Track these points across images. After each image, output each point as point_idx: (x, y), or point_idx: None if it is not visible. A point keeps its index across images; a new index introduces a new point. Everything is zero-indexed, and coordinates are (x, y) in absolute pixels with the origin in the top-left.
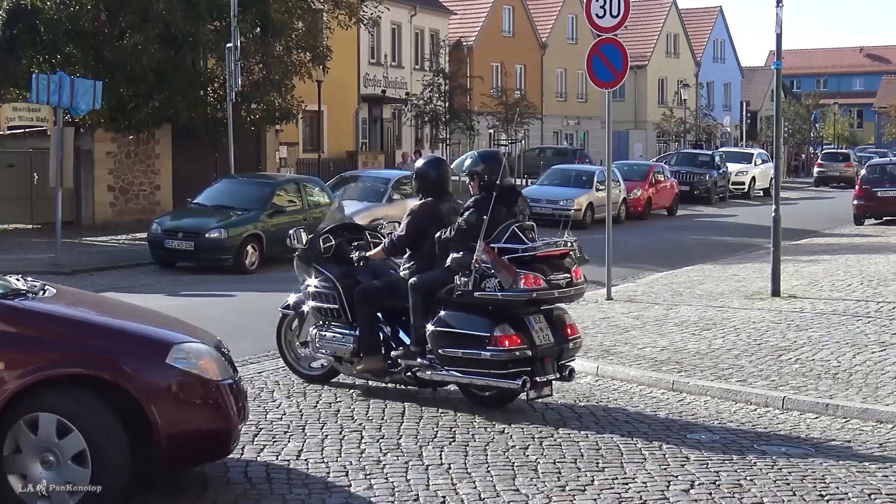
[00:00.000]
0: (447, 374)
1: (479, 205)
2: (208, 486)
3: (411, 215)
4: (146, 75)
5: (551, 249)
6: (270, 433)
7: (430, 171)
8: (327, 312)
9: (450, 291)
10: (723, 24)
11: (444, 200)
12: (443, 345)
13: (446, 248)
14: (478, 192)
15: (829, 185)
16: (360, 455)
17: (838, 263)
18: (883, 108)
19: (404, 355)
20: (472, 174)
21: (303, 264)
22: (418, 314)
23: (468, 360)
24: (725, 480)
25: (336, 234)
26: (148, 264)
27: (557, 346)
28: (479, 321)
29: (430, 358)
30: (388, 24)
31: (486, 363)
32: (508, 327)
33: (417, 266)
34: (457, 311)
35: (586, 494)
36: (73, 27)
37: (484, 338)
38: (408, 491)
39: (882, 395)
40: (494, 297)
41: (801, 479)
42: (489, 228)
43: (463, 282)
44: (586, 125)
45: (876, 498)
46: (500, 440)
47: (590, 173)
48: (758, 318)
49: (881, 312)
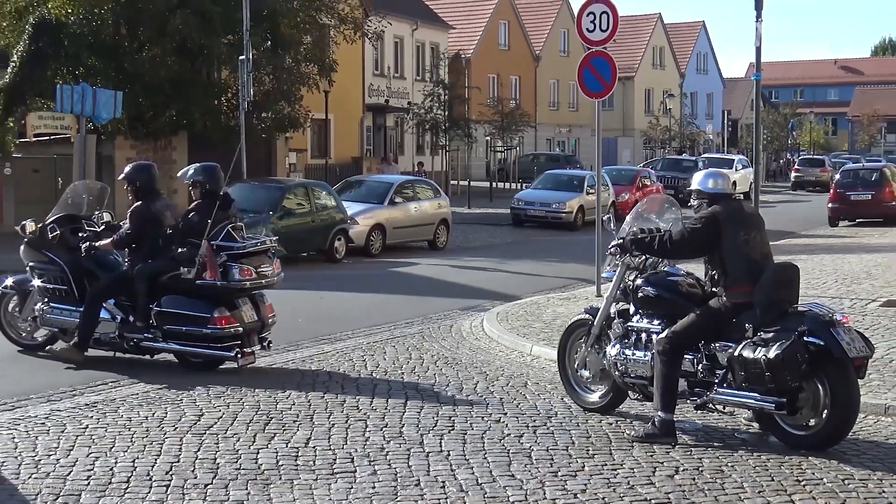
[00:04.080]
0: (167, 346)
1: (201, 209)
2: (218, 469)
3: (133, 215)
4: (164, 86)
5: (258, 247)
6: (280, 422)
7: (142, 176)
8: (54, 292)
9: (172, 278)
10: (706, 38)
11: (156, 200)
12: (168, 322)
13: (171, 241)
14: (199, 198)
15: (805, 189)
16: (365, 443)
17: (814, 263)
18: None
19: (131, 329)
20: (195, 183)
21: (31, 249)
22: (143, 297)
23: (191, 335)
24: (708, 466)
25: (61, 223)
26: None
27: (260, 322)
28: (200, 304)
29: (154, 332)
30: (391, 37)
31: (207, 338)
32: (224, 309)
33: (141, 257)
34: (180, 296)
35: (577, 479)
36: (96, 41)
37: (205, 318)
38: (409, 476)
39: None
40: (215, 285)
41: (780, 466)
42: (206, 228)
43: (186, 271)
44: (577, 133)
45: (849, 483)
46: (496, 429)
47: (581, 178)
48: None
49: (854, 309)
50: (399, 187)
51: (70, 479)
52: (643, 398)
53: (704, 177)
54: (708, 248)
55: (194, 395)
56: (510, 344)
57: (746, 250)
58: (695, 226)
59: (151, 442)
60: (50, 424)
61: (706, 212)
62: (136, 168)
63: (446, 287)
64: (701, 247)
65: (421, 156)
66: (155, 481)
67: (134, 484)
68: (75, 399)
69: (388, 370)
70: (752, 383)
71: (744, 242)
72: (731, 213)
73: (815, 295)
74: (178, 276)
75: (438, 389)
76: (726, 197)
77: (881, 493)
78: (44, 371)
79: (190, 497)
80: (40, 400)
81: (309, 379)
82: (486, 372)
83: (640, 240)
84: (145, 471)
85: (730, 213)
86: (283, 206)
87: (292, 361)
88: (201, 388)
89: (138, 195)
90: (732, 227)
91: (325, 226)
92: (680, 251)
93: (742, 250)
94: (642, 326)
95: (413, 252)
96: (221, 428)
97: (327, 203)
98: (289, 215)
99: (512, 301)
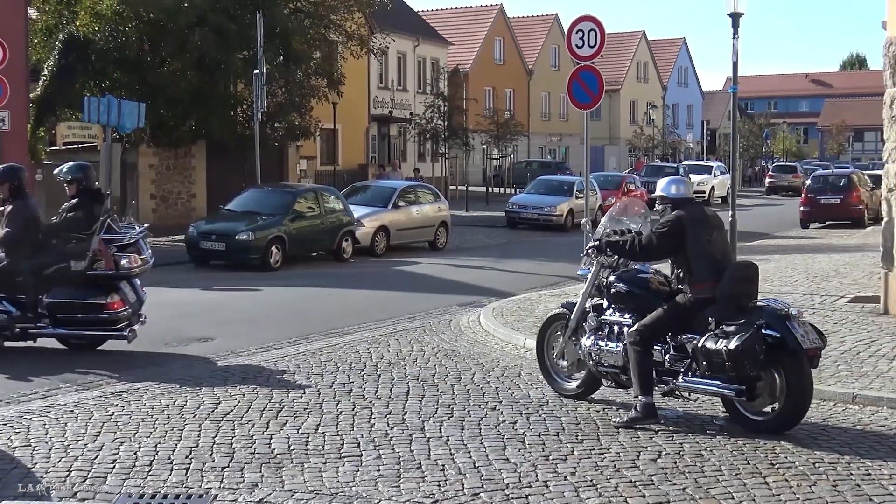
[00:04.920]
0: (54, 332)
1: (82, 205)
2: (235, 454)
3: (14, 214)
4: (183, 98)
5: (140, 237)
6: (292, 409)
7: (17, 176)
8: None
9: (57, 271)
10: (686, 54)
11: (29, 199)
12: (62, 311)
13: (55, 236)
14: (75, 195)
15: (779, 194)
16: (370, 429)
17: (787, 262)
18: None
19: (20, 321)
20: (71, 180)
21: None
22: (32, 290)
23: (87, 321)
24: (688, 451)
25: None
26: (185, 263)
27: (139, 303)
28: (93, 292)
29: (46, 321)
30: (394, 53)
31: (105, 321)
32: (115, 294)
33: (24, 253)
34: (68, 287)
35: (567, 463)
36: (121, 56)
37: (102, 304)
38: (412, 460)
39: (825, 376)
40: (107, 274)
41: (755, 450)
42: (90, 222)
43: (76, 264)
44: (567, 141)
45: (819, 466)
46: (492, 416)
47: (570, 183)
48: None
49: (824, 304)
50: (402, 192)
51: (97, 463)
52: (616, 385)
53: (668, 183)
54: (674, 249)
55: (212, 384)
56: (505, 337)
57: (709, 250)
58: (662, 229)
59: (172, 428)
60: (78, 412)
61: (671, 216)
62: (11, 169)
63: (446, 285)
64: (668, 249)
65: (422, 163)
66: (175, 464)
67: (156, 467)
68: (102, 388)
69: (391, 361)
70: (714, 372)
71: (706, 243)
72: (694, 217)
73: (788, 292)
74: (63, 269)
75: (438, 379)
76: (689, 201)
77: (849, 475)
78: (73, 362)
79: (208, 479)
80: (69, 389)
81: (318, 369)
82: (483, 363)
83: (614, 242)
84: (166, 455)
85: (693, 216)
86: (295, 209)
87: (303, 353)
88: (218, 378)
89: (14, 195)
90: (696, 229)
91: (333, 227)
92: (649, 254)
93: (705, 250)
94: (615, 320)
95: (415, 252)
96: (237, 415)
97: (335, 206)
98: (300, 218)
99: (506, 297)
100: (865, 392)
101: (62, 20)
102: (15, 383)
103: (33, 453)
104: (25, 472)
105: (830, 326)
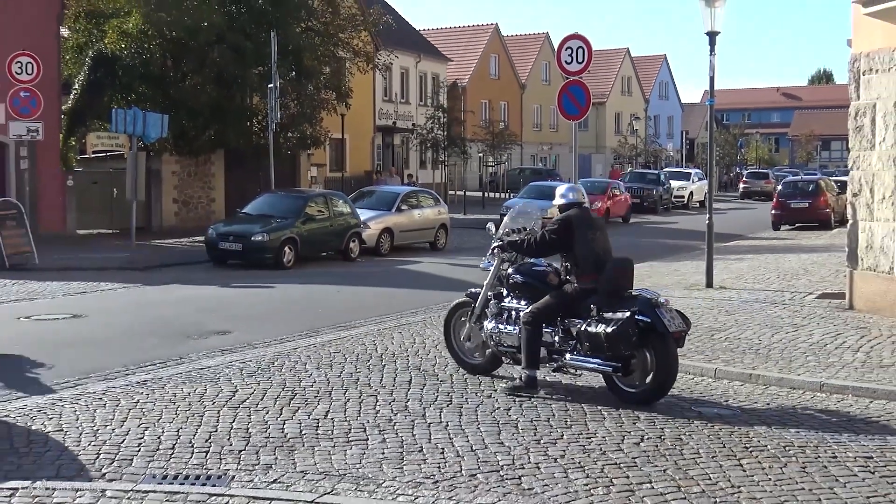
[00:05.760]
0: None
1: None
2: (250, 438)
3: None
4: (203, 110)
5: None
6: (303, 397)
7: None
8: None
9: None
10: (667, 69)
11: None
12: None
13: None
14: None
15: (752, 198)
16: (376, 415)
17: (759, 261)
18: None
19: None
20: None
21: None
22: None
23: None
24: (669, 435)
25: None
26: (204, 262)
27: None
28: None
29: None
30: (398, 68)
31: None
32: None
33: None
34: None
35: (557, 446)
36: (145, 71)
37: None
38: (414, 444)
39: (795, 366)
40: None
41: (730, 434)
42: None
43: None
44: (557, 150)
45: (789, 449)
46: (487, 403)
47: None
48: (695, 305)
49: (794, 300)
50: (405, 197)
51: (123, 446)
52: (514, 363)
53: (566, 190)
54: (564, 246)
55: (230, 374)
56: None
57: (593, 247)
58: (553, 228)
59: (193, 414)
60: (106, 399)
61: (561, 217)
62: None
63: (445, 282)
64: (558, 245)
65: (423, 169)
66: (196, 448)
67: (178, 450)
68: (128, 377)
69: (395, 353)
70: (595, 351)
71: (591, 240)
72: (581, 218)
73: (761, 288)
74: None
75: (438, 369)
76: (578, 205)
77: (817, 458)
78: (100, 354)
79: (226, 462)
80: (98, 378)
81: (327, 360)
82: None
83: (514, 241)
84: (188, 439)
85: (580, 217)
86: (306, 212)
87: (313, 345)
88: (235, 368)
89: None
90: (582, 229)
91: (341, 229)
92: (542, 251)
93: (589, 247)
94: (512, 306)
95: (417, 252)
96: (253, 402)
97: (343, 210)
98: (310, 220)
99: None
100: (832, 381)
101: (91, 38)
102: (48, 373)
103: (65, 437)
104: (58, 455)
105: (800, 321)
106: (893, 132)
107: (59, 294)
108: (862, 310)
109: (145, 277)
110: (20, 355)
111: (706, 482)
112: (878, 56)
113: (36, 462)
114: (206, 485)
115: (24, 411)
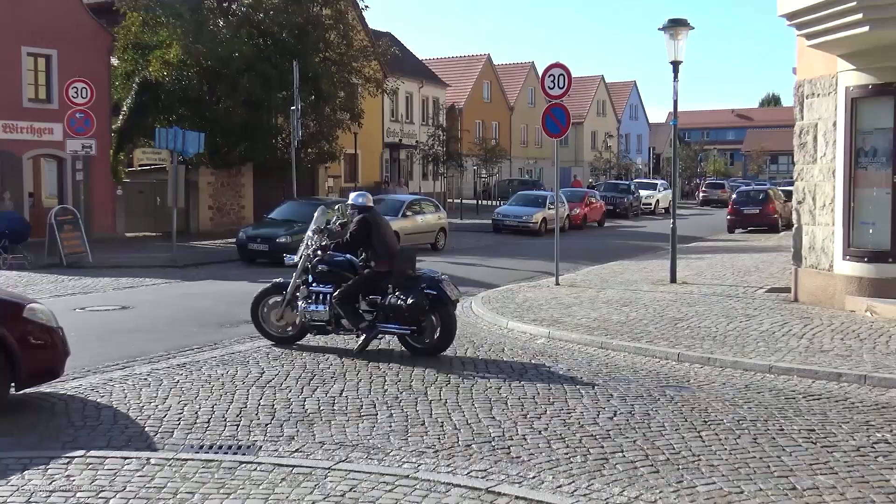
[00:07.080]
0: None
1: None
2: (275, 413)
3: None
4: (235, 129)
5: None
6: (321, 378)
7: None
8: None
9: None
10: (636, 94)
11: None
12: None
13: None
14: None
15: (710, 206)
16: (384, 393)
17: (717, 260)
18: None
19: None
20: None
21: None
22: None
23: None
24: (638, 411)
25: None
26: (235, 261)
27: None
28: None
29: None
30: (403, 93)
31: None
32: None
33: None
34: None
35: (541, 420)
36: (184, 96)
37: None
38: (417, 418)
39: (747, 351)
40: None
41: (691, 410)
42: None
43: None
44: (541, 164)
45: (742, 423)
46: (481, 383)
47: (544, 196)
48: (661, 298)
49: (746, 294)
50: (409, 204)
51: (165, 420)
52: (320, 333)
53: (356, 196)
54: (365, 240)
55: (258, 357)
56: (491, 320)
57: (385, 239)
58: (356, 228)
59: (226, 392)
60: (150, 379)
61: (360, 217)
62: None
63: None
64: (362, 240)
65: (425, 181)
66: (228, 422)
67: (213, 424)
68: (169, 361)
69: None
70: (395, 320)
71: (384, 234)
72: (374, 218)
73: (718, 283)
74: None
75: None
76: (370, 208)
77: (766, 430)
78: (145, 341)
79: (254, 434)
80: (143, 361)
81: (342, 345)
82: (474, 340)
83: (338, 242)
84: (221, 414)
85: (374, 217)
86: None
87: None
88: (262, 352)
89: None
90: (376, 226)
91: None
92: (351, 246)
93: (383, 239)
94: (320, 290)
95: (419, 252)
96: (277, 382)
97: None
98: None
99: (493, 288)
100: (780, 364)
101: (138, 67)
102: (100, 357)
103: (115, 413)
104: (109, 427)
105: (752, 311)
106: (832, 148)
107: (110, 288)
108: (805, 302)
109: (184, 274)
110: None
111: (670, 451)
112: (819, 82)
113: (90, 434)
114: (237, 453)
115: (80, 390)
